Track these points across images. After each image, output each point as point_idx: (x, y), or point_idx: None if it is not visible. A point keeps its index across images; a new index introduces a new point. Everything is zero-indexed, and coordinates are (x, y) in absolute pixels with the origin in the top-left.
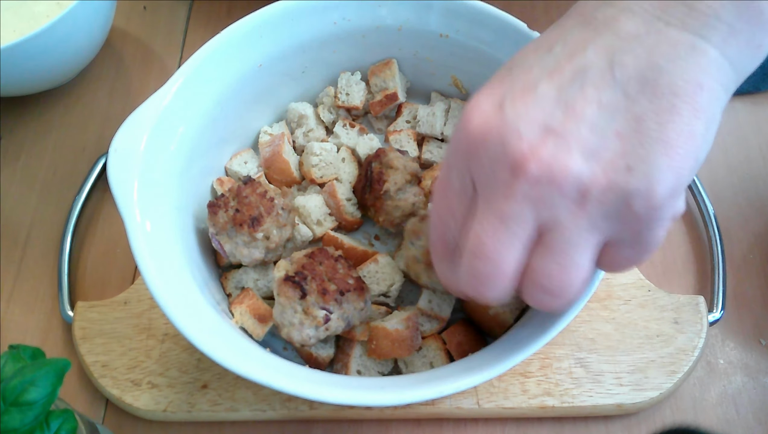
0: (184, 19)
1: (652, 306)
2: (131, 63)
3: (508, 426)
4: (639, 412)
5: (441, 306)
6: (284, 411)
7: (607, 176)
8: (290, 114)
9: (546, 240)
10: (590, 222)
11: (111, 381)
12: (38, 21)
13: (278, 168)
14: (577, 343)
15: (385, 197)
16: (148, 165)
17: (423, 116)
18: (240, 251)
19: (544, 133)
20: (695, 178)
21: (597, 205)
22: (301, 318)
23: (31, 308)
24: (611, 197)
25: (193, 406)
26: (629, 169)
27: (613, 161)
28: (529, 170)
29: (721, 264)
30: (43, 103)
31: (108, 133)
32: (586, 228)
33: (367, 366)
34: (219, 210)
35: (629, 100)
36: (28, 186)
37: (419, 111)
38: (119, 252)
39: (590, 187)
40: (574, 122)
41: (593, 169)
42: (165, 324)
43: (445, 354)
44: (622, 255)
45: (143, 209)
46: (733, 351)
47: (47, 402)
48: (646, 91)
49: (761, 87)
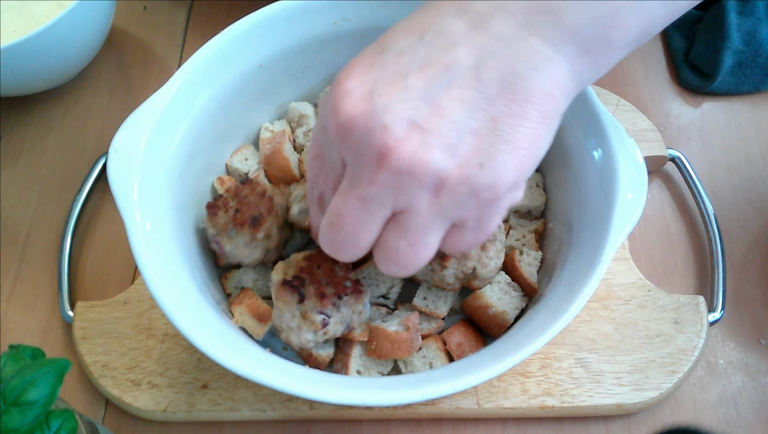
0: (184, 19)
1: (652, 306)
2: (131, 63)
3: (508, 426)
4: (639, 412)
5: (436, 304)
6: (284, 411)
7: (461, 171)
8: (291, 113)
9: (400, 221)
10: (441, 210)
11: (111, 381)
12: (38, 21)
13: (278, 165)
14: (577, 343)
15: None
16: (148, 165)
17: None
18: (240, 251)
19: (408, 128)
20: (695, 178)
21: (449, 196)
22: (299, 323)
23: (31, 308)
24: (463, 189)
25: (193, 406)
26: (481, 166)
27: (468, 157)
28: (392, 162)
29: (721, 264)
30: (43, 103)
31: (108, 133)
32: (437, 215)
33: (367, 366)
34: (218, 210)
35: (488, 102)
36: (28, 186)
37: None
38: (119, 252)
39: (445, 180)
40: (438, 119)
41: (450, 164)
42: (165, 324)
43: (444, 355)
44: (464, 239)
45: (143, 209)
46: (733, 351)
47: (47, 402)
48: (504, 94)
49: (761, 87)
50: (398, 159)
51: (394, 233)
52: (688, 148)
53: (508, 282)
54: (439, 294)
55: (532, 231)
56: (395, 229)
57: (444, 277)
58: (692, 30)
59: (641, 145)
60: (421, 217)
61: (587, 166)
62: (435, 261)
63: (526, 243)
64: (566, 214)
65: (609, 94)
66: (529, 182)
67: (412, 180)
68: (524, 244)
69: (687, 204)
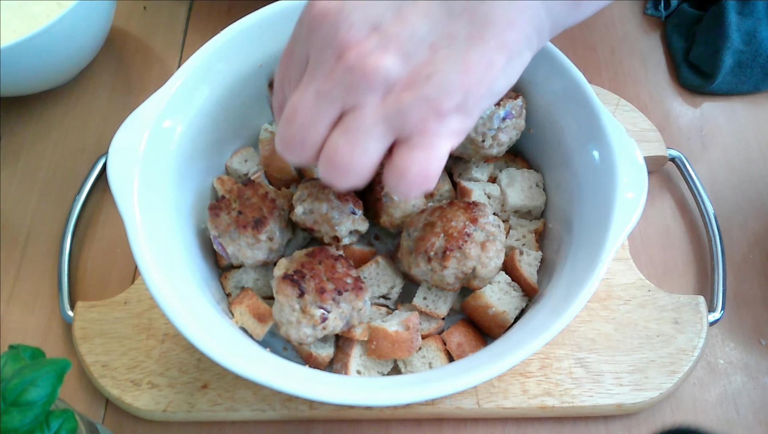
0: (184, 19)
1: (652, 306)
2: (131, 63)
3: (508, 426)
4: (639, 412)
5: (436, 304)
6: (284, 411)
7: (409, 79)
8: None
9: (345, 120)
10: (386, 115)
11: (111, 381)
12: (38, 21)
13: (277, 166)
14: (577, 343)
15: (386, 198)
16: (148, 165)
17: None
18: (243, 253)
19: (371, 30)
20: (695, 178)
21: (394, 103)
22: (298, 317)
23: (31, 308)
24: (407, 97)
25: (193, 406)
26: (428, 77)
27: (418, 67)
28: (348, 59)
29: (721, 264)
30: (43, 103)
31: (108, 133)
32: (381, 119)
33: (367, 366)
34: (220, 212)
35: (450, 19)
36: (28, 186)
37: None
38: (119, 252)
39: (393, 86)
40: (400, 27)
41: (400, 70)
42: (165, 324)
43: (444, 355)
44: (409, 156)
45: (143, 209)
46: (733, 351)
47: (47, 402)
48: (465, 15)
49: (761, 87)
50: (355, 57)
51: (337, 132)
52: (688, 148)
53: (508, 282)
54: (439, 294)
55: (532, 231)
56: (339, 128)
57: (444, 277)
58: (692, 30)
59: (641, 145)
60: (365, 118)
61: (587, 166)
62: (435, 261)
63: (526, 243)
64: (566, 214)
65: (609, 94)
66: (529, 182)
67: (363, 79)
68: (524, 244)
69: (687, 204)
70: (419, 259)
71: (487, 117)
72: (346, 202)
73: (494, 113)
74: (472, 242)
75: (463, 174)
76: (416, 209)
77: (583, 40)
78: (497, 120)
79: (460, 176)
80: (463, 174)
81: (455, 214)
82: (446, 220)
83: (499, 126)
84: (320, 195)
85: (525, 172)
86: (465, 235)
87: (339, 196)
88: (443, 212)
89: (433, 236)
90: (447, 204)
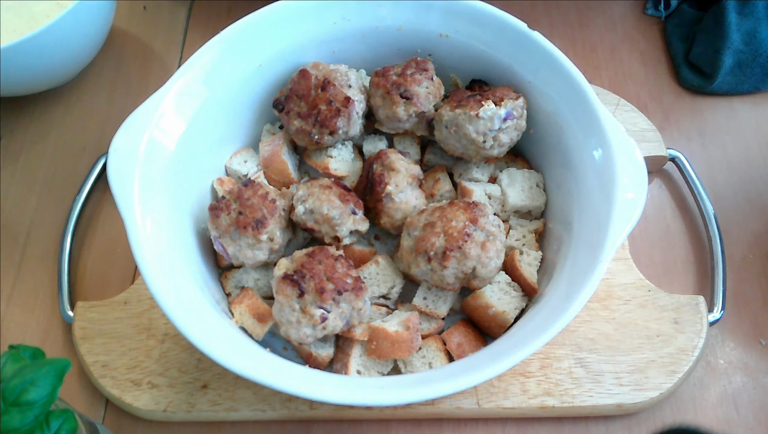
0: (184, 19)
1: (652, 306)
2: (131, 63)
3: (508, 426)
4: (639, 412)
5: (436, 304)
6: (284, 411)
7: None
8: None
9: None
10: None
11: (111, 381)
12: (38, 21)
13: (276, 168)
14: (577, 343)
15: (386, 199)
16: (148, 165)
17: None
18: (244, 253)
19: None
20: (695, 178)
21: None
22: (298, 317)
23: (31, 308)
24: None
25: (193, 406)
26: None
27: None
28: None
29: (721, 264)
30: (43, 103)
31: (108, 133)
32: None
33: (367, 366)
34: (221, 213)
35: None
36: (28, 186)
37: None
38: (119, 252)
39: None
40: None
41: None
42: (165, 324)
43: (444, 355)
44: None
45: (143, 209)
46: (733, 351)
47: (47, 402)
48: None
49: (761, 87)
50: None
51: None
52: (688, 148)
53: (508, 282)
54: (439, 294)
55: (532, 231)
56: None
57: (444, 277)
58: (692, 30)
59: (641, 145)
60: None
61: (587, 166)
62: (435, 260)
63: (526, 243)
64: (566, 214)
65: (609, 94)
66: (530, 182)
67: None
68: (524, 244)
69: (687, 204)
70: (419, 259)
71: (488, 118)
72: (346, 202)
73: (495, 114)
74: (472, 242)
75: (463, 174)
76: (416, 210)
77: (583, 40)
78: (498, 120)
79: (461, 176)
80: (464, 174)
81: (455, 214)
82: (446, 220)
83: (500, 126)
84: (321, 195)
85: (525, 172)
86: (465, 235)
87: (340, 197)
88: (443, 212)
89: (433, 236)
90: (447, 204)
